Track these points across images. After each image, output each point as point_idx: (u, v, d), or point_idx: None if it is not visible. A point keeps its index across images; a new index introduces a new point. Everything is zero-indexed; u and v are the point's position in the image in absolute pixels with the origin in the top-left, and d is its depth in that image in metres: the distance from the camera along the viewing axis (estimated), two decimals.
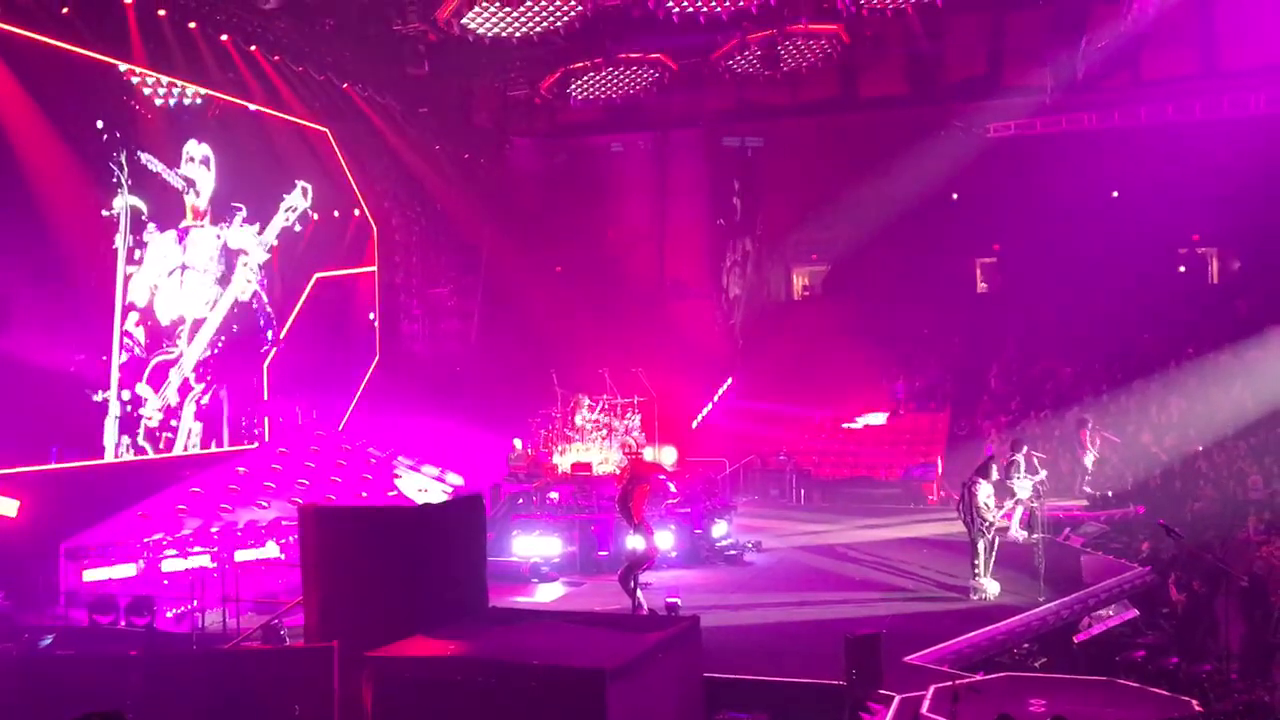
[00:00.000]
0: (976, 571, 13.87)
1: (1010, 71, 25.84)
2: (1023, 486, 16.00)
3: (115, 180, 17.69)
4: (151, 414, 18.34)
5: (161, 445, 18.51)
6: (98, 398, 17.36)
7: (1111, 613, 14.16)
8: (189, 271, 19.28)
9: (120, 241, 17.81)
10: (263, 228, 21.10)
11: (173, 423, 18.81)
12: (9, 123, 16.02)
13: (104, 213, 17.62)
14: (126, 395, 17.84)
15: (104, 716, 4.04)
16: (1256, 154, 23.59)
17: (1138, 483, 19.52)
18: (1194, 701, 9.26)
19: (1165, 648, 12.40)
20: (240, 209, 20.50)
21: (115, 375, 17.66)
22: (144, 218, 18.28)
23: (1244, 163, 23.77)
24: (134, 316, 18.17)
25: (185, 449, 18.98)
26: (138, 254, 18.19)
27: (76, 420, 17.02)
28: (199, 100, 19.51)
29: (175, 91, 19.04)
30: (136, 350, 18.16)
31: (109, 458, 17.46)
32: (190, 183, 19.29)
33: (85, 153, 17.26)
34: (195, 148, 19.48)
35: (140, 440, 18.12)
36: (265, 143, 21.21)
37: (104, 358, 17.56)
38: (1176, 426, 21.01)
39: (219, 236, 19.97)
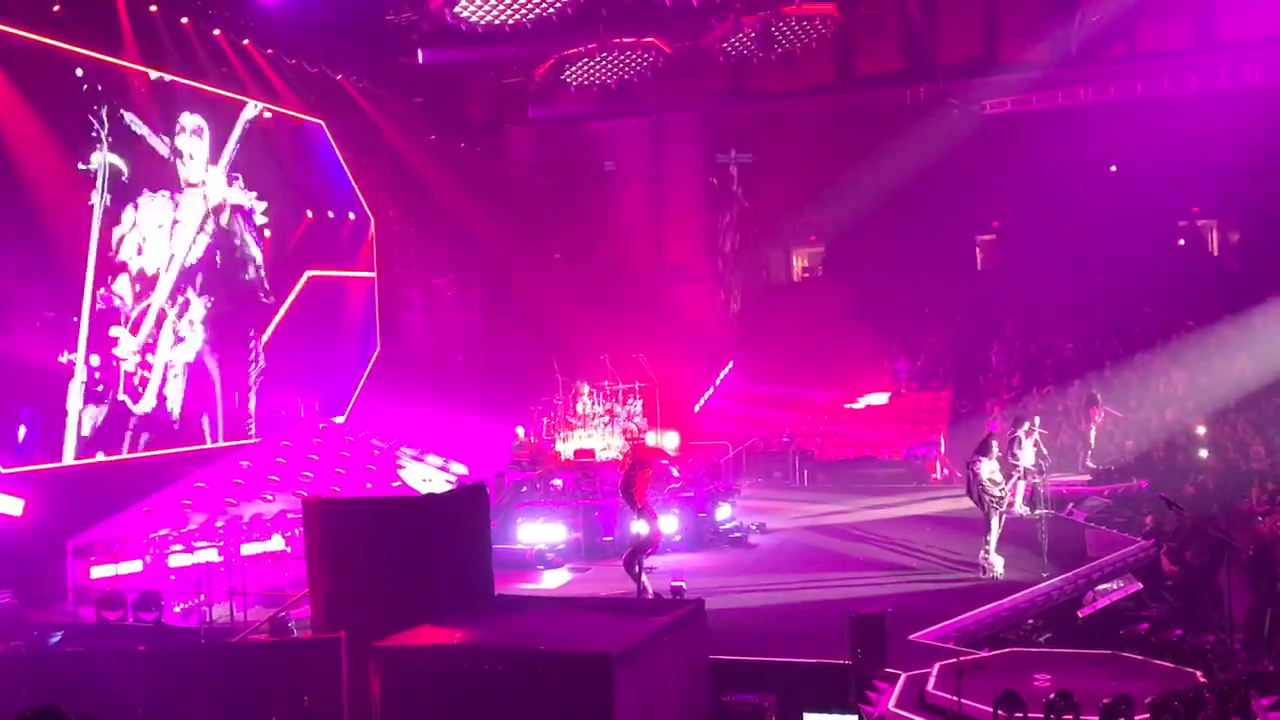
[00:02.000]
0: (987, 549, 13.88)
1: (1005, 47, 25.63)
2: (1025, 456, 16.11)
3: (95, 135, 17.11)
4: (126, 355, 17.83)
5: (137, 385, 17.94)
6: (63, 359, 16.70)
7: (1115, 586, 14.18)
8: (179, 226, 18.88)
9: (96, 199, 17.25)
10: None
11: (149, 357, 18.20)
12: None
13: (80, 166, 16.99)
14: (96, 360, 17.16)
15: (37, 714, 3.98)
16: (1255, 125, 23.50)
17: (1140, 456, 19.55)
18: (1198, 673, 9.30)
19: (1169, 620, 12.41)
20: (238, 176, 20.30)
21: (84, 335, 17.00)
22: (124, 179, 17.69)
23: (1242, 134, 23.70)
24: (122, 276, 17.71)
25: (161, 397, 18.43)
26: (125, 213, 17.82)
27: (39, 382, 16.33)
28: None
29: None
30: (117, 302, 17.64)
31: (70, 422, 16.73)
32: (178, 153, 18.93)
33: (59, 105, 16.65)
34: (189, 118, 19.19)
35: (110, 399, 17.47)
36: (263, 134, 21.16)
37: (74, 318, 16.90)
38: (1178, 399, 21.03)
39: (206, 198, 19.56)
